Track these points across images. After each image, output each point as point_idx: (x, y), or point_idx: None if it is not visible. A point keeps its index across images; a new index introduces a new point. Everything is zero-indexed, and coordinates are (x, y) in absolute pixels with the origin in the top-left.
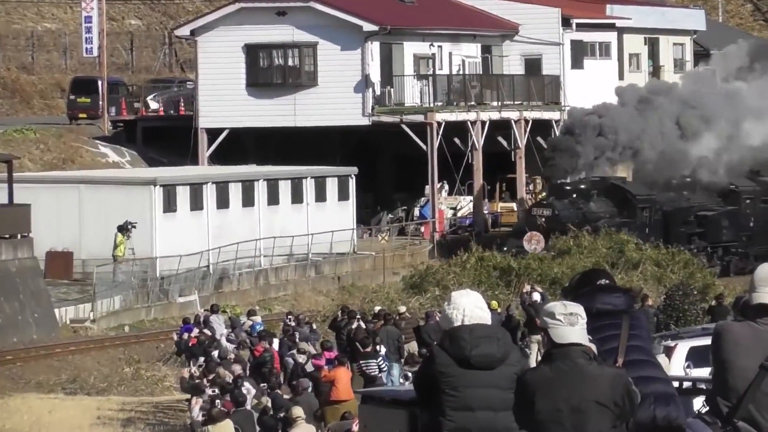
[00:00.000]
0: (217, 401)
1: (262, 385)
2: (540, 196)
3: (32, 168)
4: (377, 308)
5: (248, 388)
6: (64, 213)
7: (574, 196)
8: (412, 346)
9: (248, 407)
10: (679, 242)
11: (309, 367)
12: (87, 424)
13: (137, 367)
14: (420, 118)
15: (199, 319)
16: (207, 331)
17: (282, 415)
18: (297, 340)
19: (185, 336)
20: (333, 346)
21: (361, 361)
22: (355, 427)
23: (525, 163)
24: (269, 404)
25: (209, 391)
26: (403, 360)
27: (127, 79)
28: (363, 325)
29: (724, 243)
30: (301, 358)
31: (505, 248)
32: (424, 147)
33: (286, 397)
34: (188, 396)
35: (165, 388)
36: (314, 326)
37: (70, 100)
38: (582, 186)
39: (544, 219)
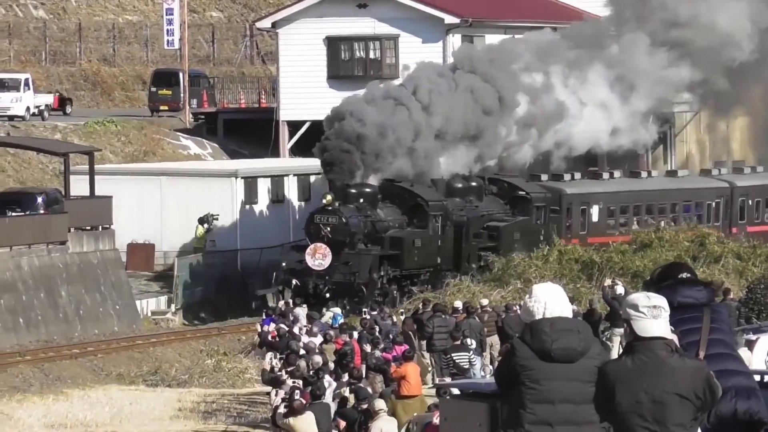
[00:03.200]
0: (297, 393)
1: (343, 378)
2: (324, 201)
3: (113, 160)
4: (458, 302)
5: (329, 381)
6: (146, 205)
7: (361, 201)
8: (494, 340)
9: (326, 400)
10: (470, 258)
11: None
12: (168, 415)
13: (218, 359)
14: None
15: (280, 311)
16: (287, 325)
17: (364, 407)
18: (377, 333)
19: (266, 328)
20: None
21: (453, 354)
22: (436, 420)
23: None
24: (351, 397)
25: (290, 383)
26: (485, 353)
27: (209, 72)
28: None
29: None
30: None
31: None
32: None
33: (369, 390)
34: (269, 388)
35: (246, 380)
36: (395, 319)
37: (152, 92)
38: (367, 189)
39: (329, 228)
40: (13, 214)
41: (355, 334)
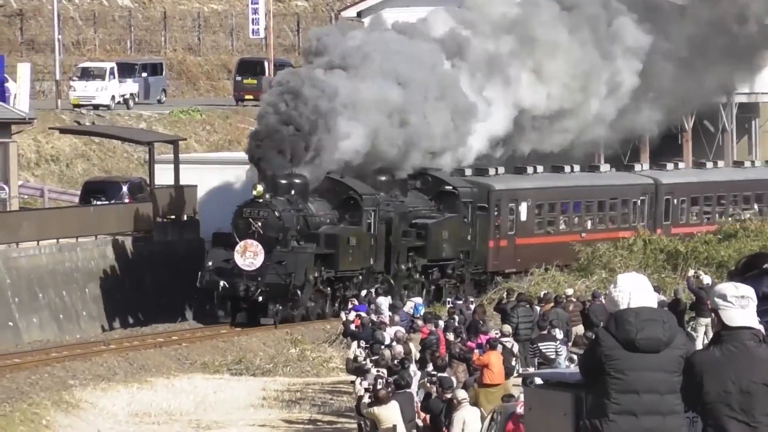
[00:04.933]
0: (381, 382)
1: (428, 368)
2: (255, 192)
3: (198, 149)
4: (543, 292)
5: (414, 371)
6: (230, 194)
7: (292, 193)
8: (579, 329)
9: (411, 390)
10: (399, 258)
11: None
12: (252, 404)
13: (303, 348)
14: None
15: (365, 300)
16: (371, 314)
17: (448, 396)
18: (457, 323)
19: (351, 317)
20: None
21: (539, 344)
22: (520, 410)
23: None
24: (435, 387)
25: (374, 372)
26: (570, 343)
27: (294, 61)
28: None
29: (444, 261)
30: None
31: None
32: None
33: (454, 379)
34: (353, 377)
35: (330, 369)
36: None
37: (237, 81)
38: (298, 181)
39: (260, 224)
40: (98, 203)
41: (441, 323)
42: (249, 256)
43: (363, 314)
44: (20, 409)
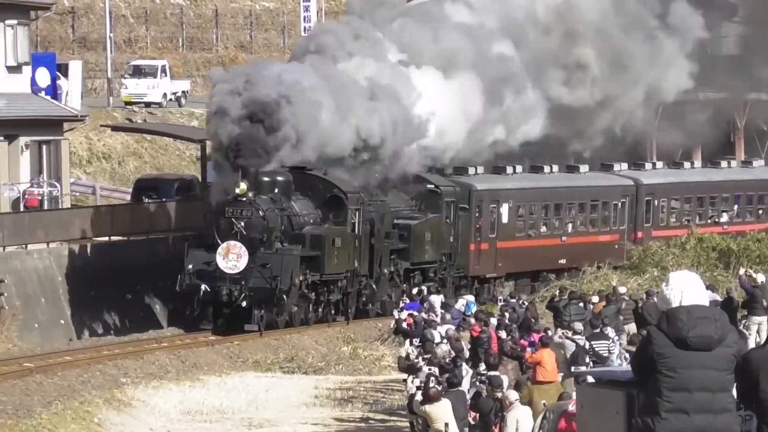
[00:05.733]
0: (432, 380)
1: (479, 366)
2: (238, 190)
3: None
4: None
5: (466, 369)
6: None
7: (276, 191)
8: (631, 328)
9: (463, 388)
10: (382, 262)
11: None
12: (304, 402)
13: (355, 347)
14: None
15: (417, 298)
16: (423, 312)
17: (498, 395)
18: (507, 320)
19: (403, 315)
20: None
21: (592, 342)
22: (572, 408)
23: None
24: (485, 385)
25: (426, 370)
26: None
27: None
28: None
29: (427, 264)
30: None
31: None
32: None
33: (504, 378)
34: (405, 375)
35: (382, 368)
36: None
37: None
38: (281, 178)
39: (243, 224)
40: (150, 200)
41: (493, 321)
42: (232, 258)
43: (415, 312)
44: (72, 407)
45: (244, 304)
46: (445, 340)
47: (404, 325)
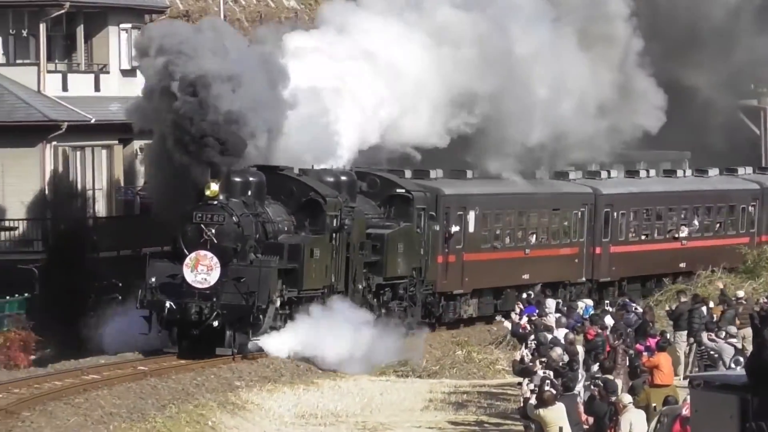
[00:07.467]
0: (547, 384)
1: (593, 369)
2: (208, 192)
3: None
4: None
5: (581, 373)
6: None
7: (249, 194)
8: (747, 332)
9: (577, 392)
10: (356, 275)
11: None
12: (418, 406)
13: (469, 350)
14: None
15: (536, 301)
16: (538, 316)
17: (612, 399)
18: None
19: (518, 319)
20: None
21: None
22: (686, 411)
23: None
24: (599, 389)
25: (541, 374)
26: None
27: None
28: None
29: (396, 279)
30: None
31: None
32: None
33: (618, 382)
34: (520, 379)
35: (497, 371)
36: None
37: None
38: (254, 179)
39: (214, 231)
40: None
41: (608, 324)
42: (201, 270)
43: (532, 316)
44: (186, 410)
45: (215, 323)
46: (561, 343)
47: (520, 329)
